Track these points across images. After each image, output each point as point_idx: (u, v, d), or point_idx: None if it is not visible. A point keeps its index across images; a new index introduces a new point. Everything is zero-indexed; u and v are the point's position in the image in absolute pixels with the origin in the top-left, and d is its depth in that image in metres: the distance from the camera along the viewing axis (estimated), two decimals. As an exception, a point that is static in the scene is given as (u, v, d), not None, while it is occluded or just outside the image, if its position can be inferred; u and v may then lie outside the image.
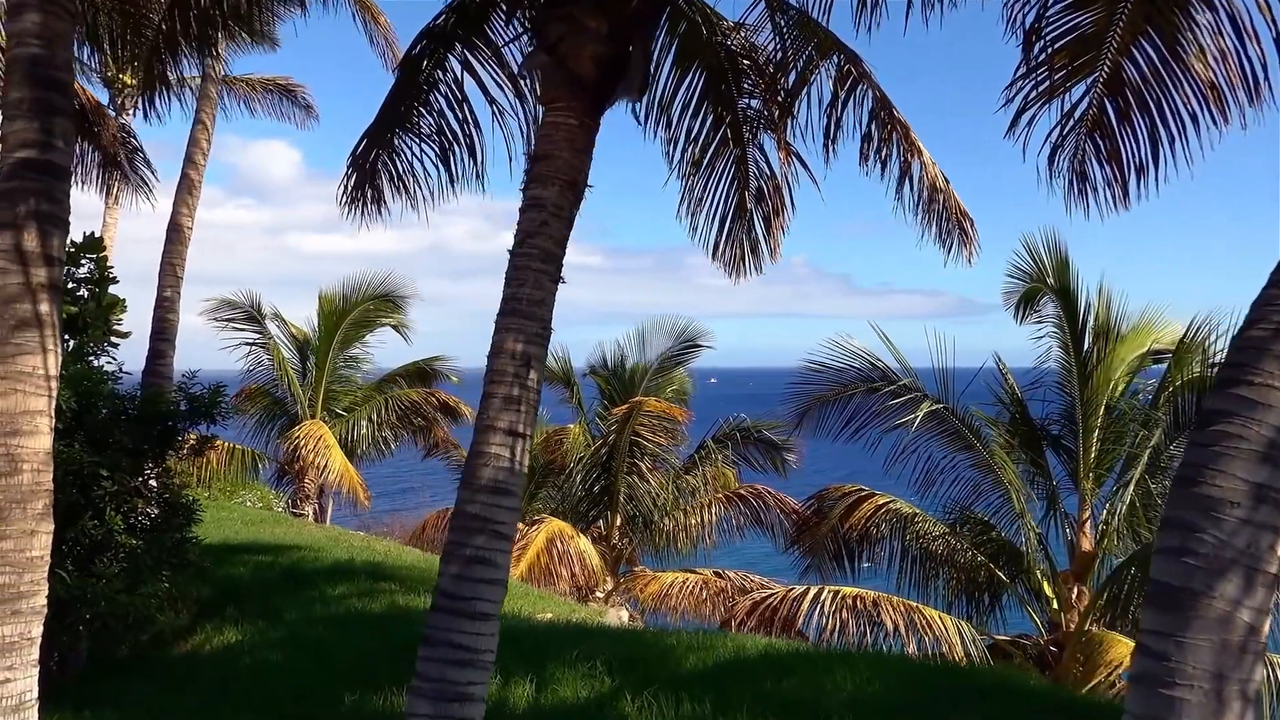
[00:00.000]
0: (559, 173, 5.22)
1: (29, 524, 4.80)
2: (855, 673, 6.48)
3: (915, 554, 13.59)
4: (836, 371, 13.48)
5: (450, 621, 4.69)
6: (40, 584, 4.86)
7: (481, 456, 4.87)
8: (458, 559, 4.74)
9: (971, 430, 12.90)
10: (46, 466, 4.92)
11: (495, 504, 4.79)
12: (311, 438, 17.17)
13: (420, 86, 7.43)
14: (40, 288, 4.88)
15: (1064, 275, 13.14)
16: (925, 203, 8.32)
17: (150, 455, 9.07)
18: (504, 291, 5.16)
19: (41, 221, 4.93)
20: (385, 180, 7.62)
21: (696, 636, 8.02)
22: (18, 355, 4.81)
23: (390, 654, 7.70)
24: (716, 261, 9.12)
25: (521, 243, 5.17)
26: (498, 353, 5.01)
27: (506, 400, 4.90)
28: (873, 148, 8.10)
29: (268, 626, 8.84)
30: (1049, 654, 12.24)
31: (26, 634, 4.78)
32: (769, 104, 8.34)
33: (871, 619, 11.83)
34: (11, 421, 4.77)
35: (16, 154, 4.91)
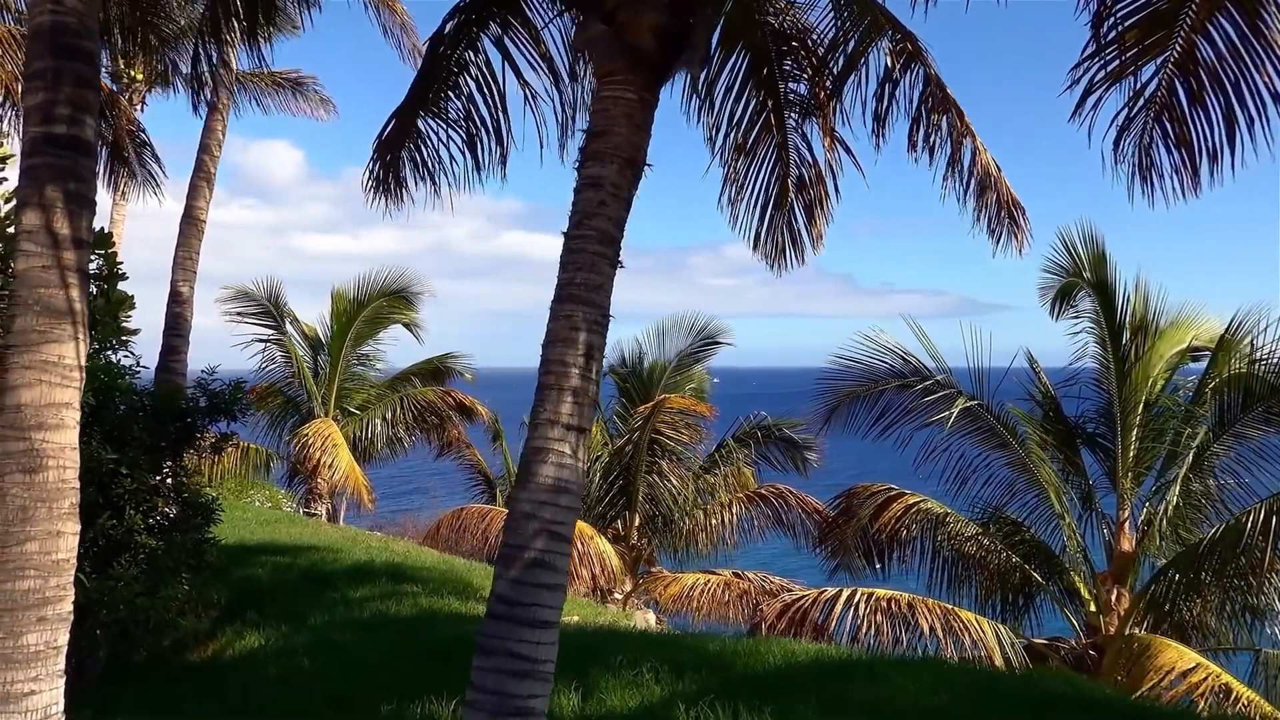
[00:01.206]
0: (617, 150, 4.89)
1: (55, 524, 4.48)
2: (917, 680, 6.15)
3: (947, 555, 13.25)
4: (867, 367, 13.15)
5: (508, 630, 4.36)
6: (66, 589, 4.55)
7: (539, 453, 4.55)
8: (515, 563, 4.41)
9: (1007, 428, 12.56)
10: (73, 463, 4.61)
11: (554, 504, 4.47)
12: (319, 435, 16.85)
13: (450, 68, 7.12)
14: (68, 271, 4.56)
15: (1101, 269, 12.80)
16: (977, 191, 8.01)
17: (168, 453, 8.77)
18: (559, 276, 4.84)
19: (68, 201, 4.61)
20: (410, 167, 7.32)
21: (742, 642, 7.69)
22: (43, 344, 4.49)
23: (422, 659, 7.39)
24: (758, 253, 8.82)
25: (578, 224, 4.84)
26: (554, 342, 4.68)
27: (564, 392, 4.57)
28: (922, 132, 7.80)
29: (291, 631, 8.51)
30: (1088, 658, 11.90)
31: (53, 642, 4.47)
32: (815, 87, 8.03)
33: (907, 622, 11.50)
34: (37, 414, 4.45)
35: (40, 128, 4.60)
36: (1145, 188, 7.08)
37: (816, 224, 8.76)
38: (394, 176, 7.06)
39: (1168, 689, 9.38)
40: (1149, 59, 6.58)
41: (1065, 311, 13.37)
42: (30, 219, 4.53)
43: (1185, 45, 6.48)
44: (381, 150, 7.19)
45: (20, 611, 4.36)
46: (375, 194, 7.01)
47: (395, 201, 6.94)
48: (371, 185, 7.08)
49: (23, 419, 4.43)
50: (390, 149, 7.12)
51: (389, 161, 7.15)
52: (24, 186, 4.59)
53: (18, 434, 4.43)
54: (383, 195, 7.00)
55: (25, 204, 4.57)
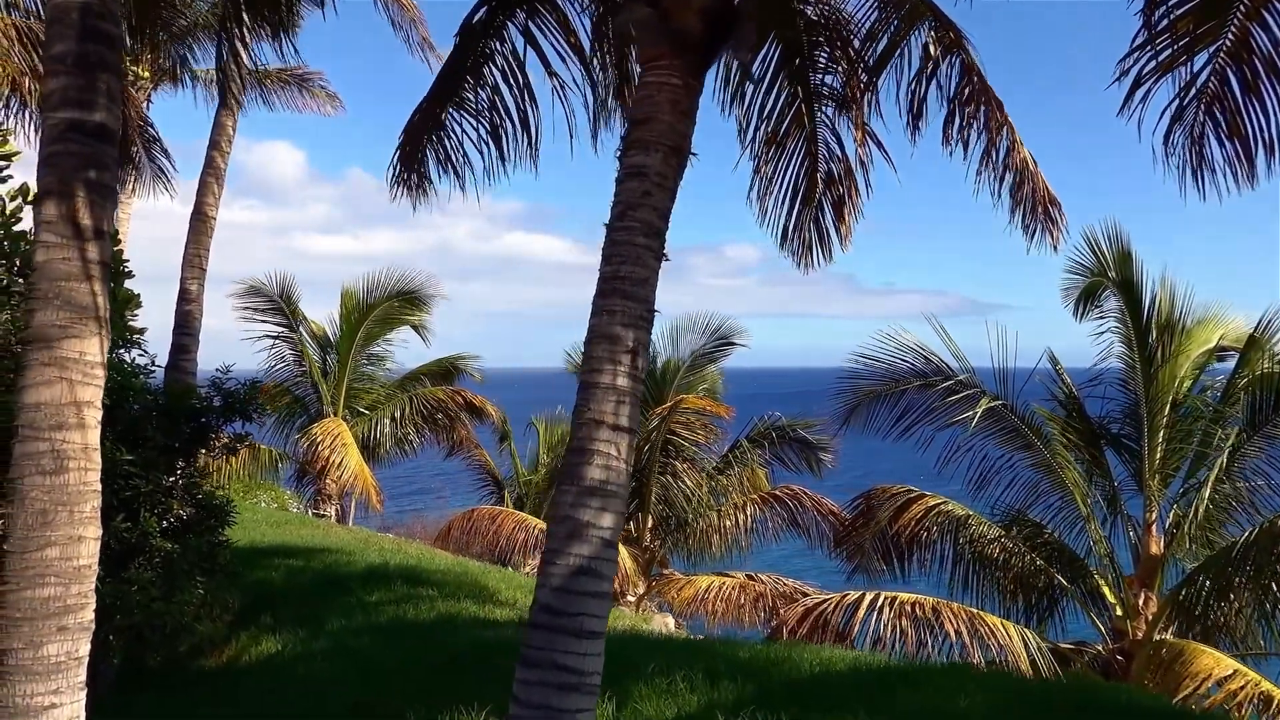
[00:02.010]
0: (662, 138, 4.68)
1: (76, 528, 4.27)
2: (963, 689, 5.93)
3: (968, 558, 13.02)
4: (888, 366, 12.92)
5: (553, 640, 4.15)
6: (88, 596, 4.34)
7: (584, 454, 4.33)
8: (560, 570, 4.20)
9: (1031, 428, 12.34)
10: (95, 465, 4.40)
11: (601, 508, 4.26)
12: (329, 435, 16.64)
13: (476, 59, 6.93)
14: (90, 264, 4.36)
15: (1127, 268, 12.56)
16: (1014, 184, 7.82)
17: (182, 453, 8.57)
18: (602, 269, 4.63)
19: (89, 190, 4.40)
20: (434, 161, 7.14)
21: (773, 649, 7.48)
22: (64, 339, 4.28)
23: (446, 666, 7.19)
24: (785, 249, 8.64)
25: (621, 215, 4.63)
26: (598, 338, 4.48)
27: (609, 391, 4.36)
28: (957, 124, 7.61)
29: (309, 636, 8.31)
30: (1115, 663, 11.69)
31: (74, 653, 4.26)
32: (849, 79, 7.84)
33: (931, 627, 11.27)
34: (57, 414, 4.24)
35: (61, 114, 4.38)
36: (1196, 181, 6.90)
37: (845, 221, 8.58)
38: (418, 171, 6.86)
39: (1204, 696, 9.16)
40: (1201, 48, 6.39)
41: (1090, 312, 13.15)
42: (50, 209, 4.32)
43: (1239, 34, 6.28)
44: (406, 144, 7.01)
45: (40, 621, 4.15)
46: (399, 189, 6.81)
47: (420, 196, 6.74)
48: (395, 180, 6.89)
49: (42, 418, 4.23)
50: (415, 143, 6.94)
51: (413, 156, 6.96)
52: (44, 175, 4.37)
53: (37, 434, 4.23)
54: (406, 190, 6.80)
55: (45, 193, 4.35)
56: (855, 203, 8.56)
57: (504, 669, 6.95)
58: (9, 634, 4.14)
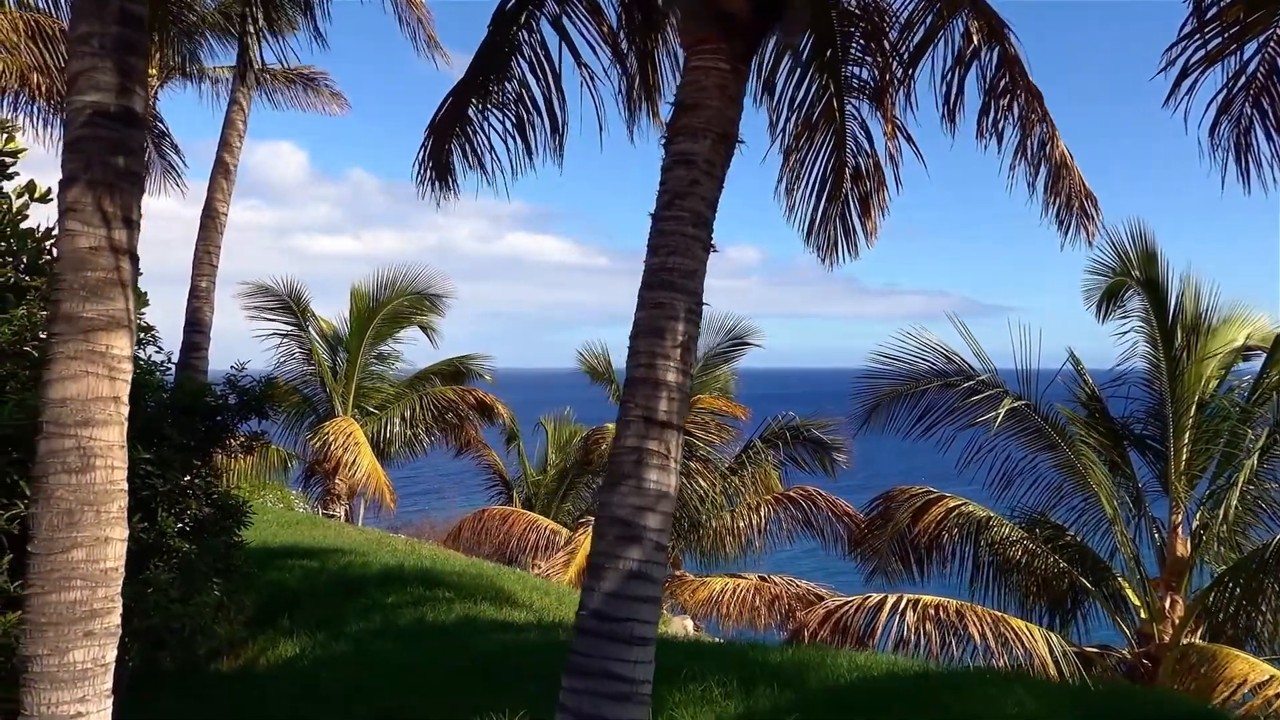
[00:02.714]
0: (710, 124, 4.51)
1: (102, 529, 4.10)
2: (1010, 695, 5.75)
3: (989, 560, 12.83)
4: (908, 365, 12.74)
5: (602, 647, 3.97)
6: (115, 600, 4.17)
7: (632, 453, 4.15)
8: (609, 574, 4.02)
9: (1056, 429, 12.15)
10: (122, 463, 4.23)
11: (652, 509, 4.08)
12: (341, 434, 16.47)
13: (505, 49, 6.77)
14: (118, 253, 4.18)
15: (1151, 267, 12.37)
16: (1051, 178, 7.66)
17: (197, 452, 8.39)
18: (648, 261, 4.45)
19: (117, 176, 4.23)
20: (460, 154, 6.98)
21: (806, 653, 7.30)
22: (90, 331, 4.10)
23: (471, 670, 7.01)
24: (810, 244, 8.47)
25: (669, 205, 4.46)
26: (646, 332, 4.30)
27: (659, 387, 4.18)
28: (991, 116, 7.45)
29: (328, 639, 8.13)
30: (1141, 667, 11.50)
31: (100, 659, 4.08)
32: (882, 71, 7.67)
33: (956, 630, 11.09)
34: (83, 409, 4.06)
35: (86, 97, 4.20)
36: (1241, 174, 6.75)
37: (871, 217, 8.43)
38: (445, 166, 6.71)
39: (1240, 702, 8.98)
40: (1251, 37, 6.22)
41: (1112, 312, 12.97)
42: (76, 195, 4.15)
43: (1292, 22, 6.12)
44: (432, 140, 6.87)
45: (66, 626, 3.98)
46: (425, 184, 6.66)
47: (445, 192, 6.59)
48: (422, 176, 6.74)
49: (69, 414, 4.05)
50: (441, 138, 6.79)
51: (439, 151, 6.82)
52: (69, 160, 4.20)
53: (63, 430, 4.05)
54: (433, 186, 6.65)
55: (70, 179, 4.18)
56: (883, 198, 8.41)
57: (532, 673, 6.79)
58: (34, 640, 3.97)
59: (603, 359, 18.53)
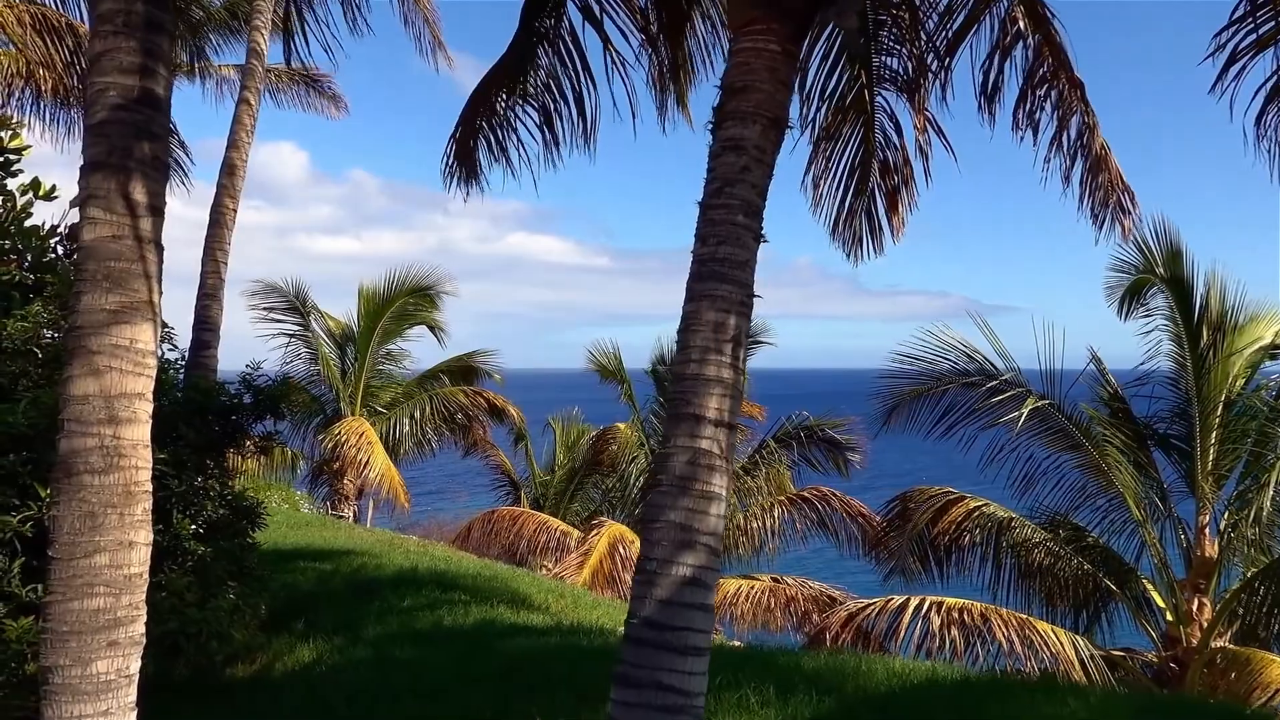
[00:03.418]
0: (761, 109, 4.30)
1: (126, 532, 3.89)
2: (1060, 703, 5.54)
3: (1011, 561, 12.63)
4: (929, 364, 12.55)
5: (655, 657, 3.76)
6: (139, 608, 3.96)
7: (684, 453, 3.95)
8: (662, 580, 3.81)
9: (1080, 429, 11.95)
10: (146, 463, 4.02)
11: (705, 512, 3.88)
12: (354, 433, 16.26)
13: (534, 39, 6.59)
14: (143, 243, 3.97)
15: (1176, 265, 12.17)
16: (1090, 170, 7.46)
17: (212, 452, 8.19)
18: (697, 251, 4.25)
19: (142, 162, 4.03)
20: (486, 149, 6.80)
21: (841, 660, 7.08)
22: (113, 325, 3.90)
23: (497, 675, 6.80)
24: (835, 240, 8.27)
25: (718, 192, 4.25)
26: (696, 326, 4.09)
27: (711, 384, 3.98)
28: (1027, 107, 7.26)
29: (346, 644, 7.92)
30: (1169, 670, 11.30)
31: (124, 670, 3.87)
32: (918, 62, 7.48)
33: (981, 633, 10.90)
34: (108, 406, 3.85)
35: (110, 78, 4.00)
36: (1287, 164, 6.54)
37: (898, 212, 8.24)
38: (473, 160, 6.54)
39: (1278, 707, 8.76)
40: (1307, 18, 6.02)
41: (1135, 310, 12.77)
42: (99, 182, 3.94)
43: (1349, 6, 5.91)
44: (459, 134, 6.70)
45: (89, 635, 3.77)
46: (453, 179, 6.49)
47: (474, 186, 6.42)
48: (449, 171, 6.58)
49: (90, 411, 3.84)
50: (469, 133, 6.62)
51: (466, 145, 6.65)
52: (92, 145, 3.99)
53: (85, 429, 3.84)
54: (461, 180, 6.48)
55: (94, 165, 3.97)
56: (911, 193, 8.23)
57: (559, 679, 6.58)
58: (54, 649, 3.76)
59: (613, 358, 18.31)
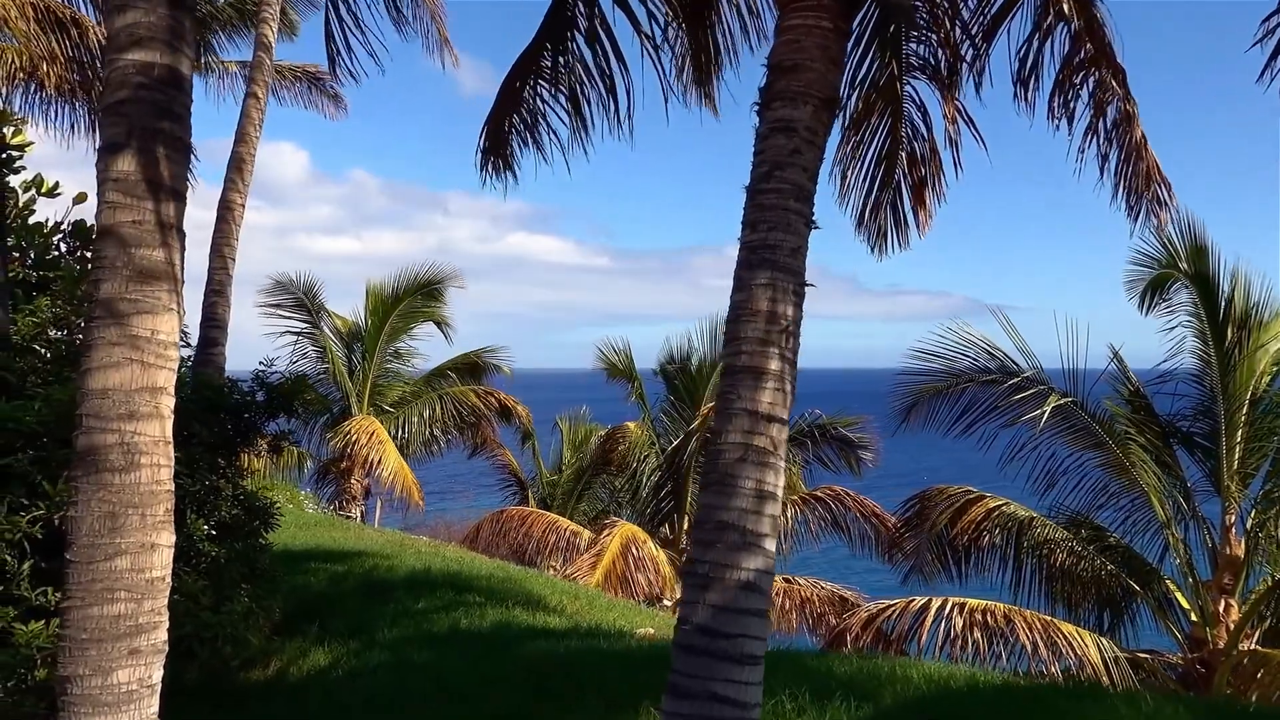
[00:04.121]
0: (812, 88, 4.10)
1: (148, 534, 3.69)
2: (1109, 711, 5.34)
3: (1032, 561, 12.43)
4: (948, 362, 12.35)
5: (710, 666, 3.56)
6: (161, 614, 3.76)
7: (736, 450, 3.74)
8: (717, 585, 3.61)
9: (1104, 427, 11.74)
10: (168, 460, 3.82)
11: (760, 512, 3.67)
12: (365, 432, 16.04)
13: (562, 23, 6.40)
14: (166, 229, 3.77)
15: (1201, 260, 11.95)
16: (1129, 160, 7.26)
17: (224, 451, 7.99)
18: (746, 238, 4.04)
19: (162, 144, 3.82)
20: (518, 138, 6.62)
21: (876, 663, 6.88)
22: (134, 315, 3.69)
23: (520, 680, 6.60)
24: (861, 233, 8.07)
25: (768, 175, 4.04)
26: (748, 316, 3.88)
27: (765, 377, 3.77)
28: (1062, 96, 7.06)
29: (362, 647, 7.72)
30: (1195, 673, 11.10)
31: (146, 679, 3.67)
32: (954, 50, 7.28)
33: (1004, 635, 10.68)
34: (127, 401, 3.65)
35: (130, 55, 3.79)
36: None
37: (925, 205, 8.05)
38: (505, 151, 6.37)
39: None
40: (1359, 0, 5.82)
41: (1157, 305, 12.56)
42: (119, 164, 3.74)
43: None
44: (491, 125, 6.52)
45: (109, 642, 3.57)
46: (486, 171, 6.32)
47: (508, 177, 6.25)
48: (483, 163, 6.41)
49: (110, 406, 3.64)
50: (500, 123, 6.44)
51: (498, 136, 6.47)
52: (110, 125, 3.78)
53: (104, 425, 3.64)
54: (495, 171, 6.30)
55: (113, 146, 3.76)
56: (939, 186, 8.05)
57: (587, 684, 6.38)
58: (73, 658, 3.56)
59: (623, 356, 18.11)
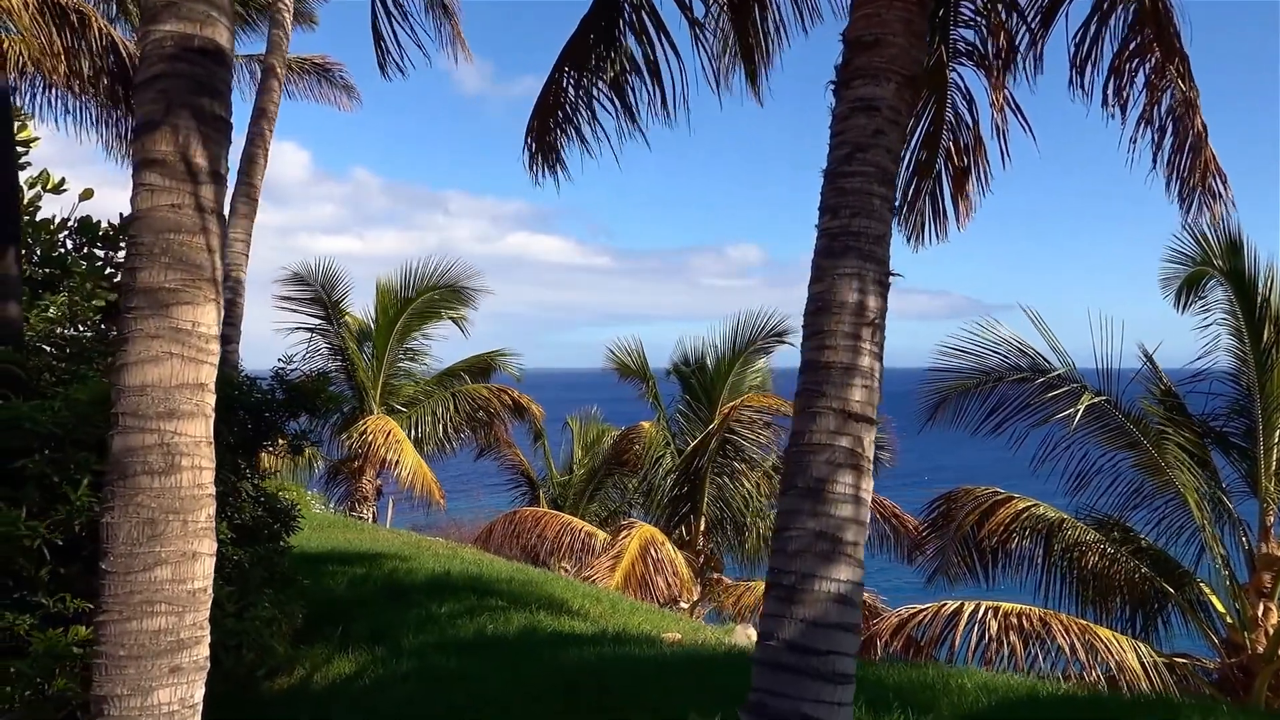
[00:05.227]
0: (895, 65, 3.83)
1: (190, 542, 3.42)
2: None
3: (1064, 564, 12.17)
4: (976, 359, 12.09)
5: (799, 685, 3.29)
6: (203, 628, 3.49)
7: (822, 451, 3.47)
8: (806, 597, 3.34)
9: (1139, 426, 11.48)
10: (209, 462, 3.55)
11: (854, 519, 3.41)
12: (381, 432, 15.77)
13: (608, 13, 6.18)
14: (206, 213, 3.50)
15: (1235, 257, 11.71)
16: (1188, 149, 7.03)
17: (244, 451, 7.74)
18: (826, 224, 3.77)
19: (201, 123, 3.55)
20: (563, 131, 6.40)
21: (924, 671, 6.63)
22: (174, 305, 3.43)
23: (555, 689, 6.34)
24: (899, 225, 7.82)
25: (849, 158, 3.77)
26: (831, 307, 3.61)
27: (853, 373, 3.51)
28: (1118, 82, 6.84)
29: (388, 655, 7.45)
30: (1234, 678, 10.84)
31: (189, 700, 3.41)
32: (1008, 36, 7.04)
33: (1041, 640, 10.43)
34: (167, 399, 3.38)
35: (167, 26, 3.52)
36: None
37: (967, 196, 7.82)
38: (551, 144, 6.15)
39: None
40: None
41: (1192, 303, 12.32)
42: (157, 144, 3.47)
43: None
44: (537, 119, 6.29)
45: (149, 660, 3.30)
46: (535, 167, 6.11)
47: (559, 170, 6.03)
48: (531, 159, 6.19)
49: (149, 404, 3.38)
50: (546, 117, 6.21)
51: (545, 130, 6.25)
52: (147, 102, 3.52)
53: (142, 424, 3.37)
54: (546, 166, 6.09)
55: (150, 124, 3.50)
56: (984, 175, 7.82)
57: (625, 693, 6.12)
58: (110, 677, 3.29)
59: (637, 356, 17.84)
